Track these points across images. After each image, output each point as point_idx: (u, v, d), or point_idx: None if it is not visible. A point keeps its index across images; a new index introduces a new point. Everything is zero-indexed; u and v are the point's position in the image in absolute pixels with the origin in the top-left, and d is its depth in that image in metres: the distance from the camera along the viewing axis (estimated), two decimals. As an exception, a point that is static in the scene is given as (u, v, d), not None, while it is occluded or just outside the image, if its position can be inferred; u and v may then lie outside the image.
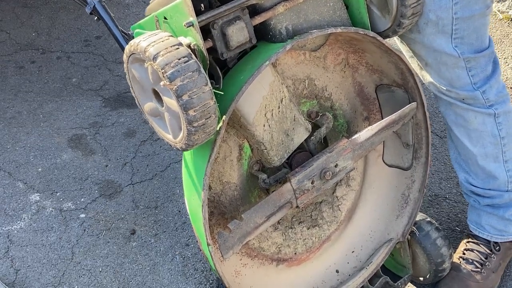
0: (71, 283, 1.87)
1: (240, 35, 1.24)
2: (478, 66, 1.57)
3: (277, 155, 1.44)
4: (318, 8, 1.36)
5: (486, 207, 1.77)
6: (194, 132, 1.12)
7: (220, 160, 1.44)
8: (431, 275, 1.72)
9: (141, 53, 1.12)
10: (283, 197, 1.37)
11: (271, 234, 1.58)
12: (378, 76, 1.60)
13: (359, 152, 1.46)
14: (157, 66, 1.08)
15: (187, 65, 1.08)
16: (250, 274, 1.55)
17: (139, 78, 1.21)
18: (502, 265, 1.81)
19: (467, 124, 1.65)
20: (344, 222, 1.69)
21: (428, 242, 1.66)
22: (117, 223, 2.07)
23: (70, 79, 2.84)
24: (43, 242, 2.00)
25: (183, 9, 1.13)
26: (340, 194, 1.67)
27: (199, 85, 1.09)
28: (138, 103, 1.27)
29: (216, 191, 1.46)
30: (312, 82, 1.53)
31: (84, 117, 2.57)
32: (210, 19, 1.20)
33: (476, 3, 1.49)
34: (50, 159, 2.34)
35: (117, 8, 3.44)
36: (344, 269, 1.66)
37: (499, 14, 3.06)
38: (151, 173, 2.28)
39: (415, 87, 1.53)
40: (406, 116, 1.52)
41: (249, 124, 1.35)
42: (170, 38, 1.12)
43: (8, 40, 3.11)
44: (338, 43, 1.53)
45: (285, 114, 1.41)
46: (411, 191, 1.66)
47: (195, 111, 1.09)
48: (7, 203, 2.15)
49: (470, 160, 1.71)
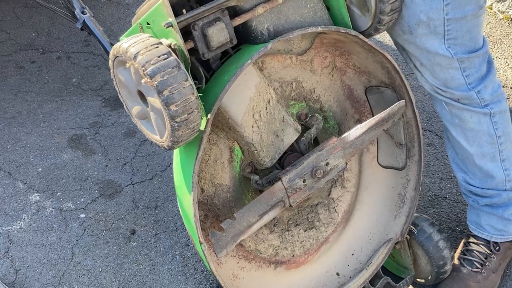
0: (71, 283, 1.87)
1: (220, 36, 1.27)
2: (472, 66, 1.57)
3: (267, 156, 1.45)
4: (299, 10, 1.38)
5: (485, 207, 1.77)
6: (177, 127, 1.14)
7: (211, 163, 1.45)
8: (432, 277, 1.72)
9: (123, 54, 1.15)
10: (275, 196, 1.38)
11: (267, 237, 1.58)
12: (366, 77, 1.61)
13: (350, 150, 1.47)
14: (138, 65, 1.11)
15: (166, 61, 1.11)
16: (248, 277, 1.55)
17: (125, 81, 1.24)
18: (502, 265, 1.81)
19: (463, 124, 1.65)
20: (341, 224, 1.69)
21: (430, 244, 1.66)
22: (117, 223, 2.07)
23: (70, 79, 2.84)
24: (43, 242, 2.00)
25: (162, 10, 1.16)
26: (335, 196, 1.67)
27: (179, 81, 1.12)
28: (126, 108, 1.30)
29: (208, 193, 1.47)
30: (299, 85, 1.55)
31: (84, 117, 2.57)
32: (190, 20, 1.22)
33: (468, 4, 1.48)
34: (50, 159, 2.34)
35: (117, 8, 3.44)
36: (345, 272, 1.66)
37: (499, 14, 3.06)
38: (151, 173, 2.28)
39: (402, 85, 1.54)
40: (395, 114, 1.53)
41: (238, 126, 1.37)
42: (150, 39, 1.16)
43: (8, 40, 3.11)
44: (323, 46, 1.55)
45: (273, 115, 1.43)
46: (407, 190, 1.67)
47: (177, 106, 1.12)
48: (7, 203, 2.15)
49: (467, 160, 1.71)
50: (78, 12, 1.68)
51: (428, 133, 2.41)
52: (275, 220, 1.59)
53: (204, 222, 1.47)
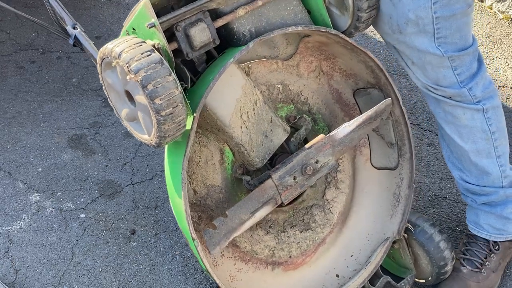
0: (71, 283, 1.87)
1: (203, 35, 1.31)
2: (463, 64, 1.57)
3: (258, 156, 1.48)
4: (279, 12, 1.43)
5: (483, 205, 1.77)
6: (163, 121, 1.18)
7: (202, 164, 1.48)
8: (433, 278, 1.72)
9: (109, 55, 1.19)
10: (266, 193, 1.39)
11: (263, 238, 1.58)
12: (353, 80, 1.64)
13: (339, 148, 1.48)
14: (122, 62, 1.16)
15: (149, 58, 1.15)
16: (246, 279, 1.56)
17: (112, 83, 1.28)
18: (502, 265, 1.81)
19: (456, 121, 1.65)
20: (337, 225, 1.70)
21: (432, 245, 1.66)
22: (117, 223, 2.07)
23: (70, 79, 2.84)
24: (43, 242, 2.00)
25: (145, 12, 1.20)
26: (330, 197, 1.68)
27: (162, 75, 1.16)
28: (116, 112, 1.34)
29: (201, 194, 1.49)
30: (286, 87, 1.59)
31: (84, 117, 2.57)
32: (172, 21, 1.27)
33: (457, 2, 1.49)
34: (50, 159, 2.35)
35: (117, 8, 3.44)
36: (345, 273, 1.67)
37: (499, 14, 3.06)
38: (151, 173, 2.28)
39: (387, 83, 1.55)
40: (382, 112, 1.54)
41: (226, 127, 1.40)
42: (134, 39, 1.21)
43: (8, 40, 3.11)
44: (308, 50, 1.58)
45: (261, 116, 1.46)
46: (401, 189, 1.68)
47: (161, 100, 1.15)
48: (7, 203, 2.15)
49: (462, 158, 1.72)
50: (70, 28, 1.70)
51: (428, 133, 2.41)
52: (270, 222, 1.61)
53: (198, 224, 1.49)
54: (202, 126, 1.45)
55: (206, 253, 1.41)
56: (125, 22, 1.32)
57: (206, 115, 1.38)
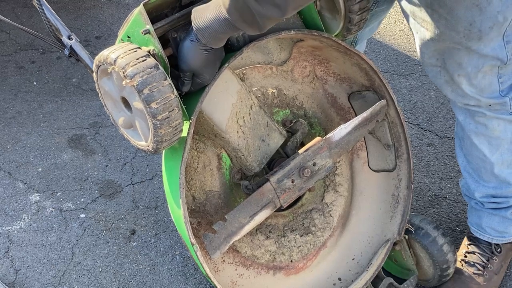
0: (71, 283, 1.87)
1: None
2: (507, 72, 1.54)
3: (255, 160, 1.49)
4: None
5: (489, 208, 1.77)
6: (159, 125, 1.18)
7: (200, 170, 1.49)
8: (435, 280, 1.72)
9: (105, 61, 1.20)
10: (264, 197, 1.39)
11: (263, 242, 1.58)
12: (348, 84, 1.64)
13: (336, 150, 1.48)
14: (118, 68, 1.16)
15: (145, 63, 1.16)
16: (248, 284, 1.56)
17: (109, 90, 1.28)
18: (503, 267, 1.81)
19: (488, 132, 1.63)
20: (337, 228, 1.70)
21: (435, 248, 1.65)
22: (117, 223, 2.07)
23: (70, 79, 2.84)
24: (43, 242, 2.00)
25: (140, 19, 1.21)
26: (329, 201, 1.68)
27: (158, 80, 1.16)
28: (113, 120, 1.34)
29: (200, 200, 1.49)
30: (281, 92, 1.60)
31: (84, 117, 2.57)
32: (167, 27, 1.27)
33: None
34: (50, 159, 2.34)
35: (117, 8, 3.44)
36: (347, 276, 1.67)
37: None
38: (151, 173, 2.28)
39: (381, 85, 1.55)
40: (378, 113, 1.54)
41: (223, 132, 1.41)
42: (130, 45, 1.21)
43: (8, 40, 3.11)
44: (302, 55, 1.59)
45: (257, 121, 1.47)
46: (400, 190, 1.67)
47: (157, 104, 1.16)
48: (7, 203, 2.15)
49: (483, 169, 1.70)
50: (65, 39, 1.70)
51: (428, 133, 2.41)
52: (270, 227, 1.61)
53: (198, 230, 1.49)
54: (199, 132, 1.46)
55: (207, 258, 1.41)
56: (119, 31, 1.32)
57: (203, 120, 1.39)
